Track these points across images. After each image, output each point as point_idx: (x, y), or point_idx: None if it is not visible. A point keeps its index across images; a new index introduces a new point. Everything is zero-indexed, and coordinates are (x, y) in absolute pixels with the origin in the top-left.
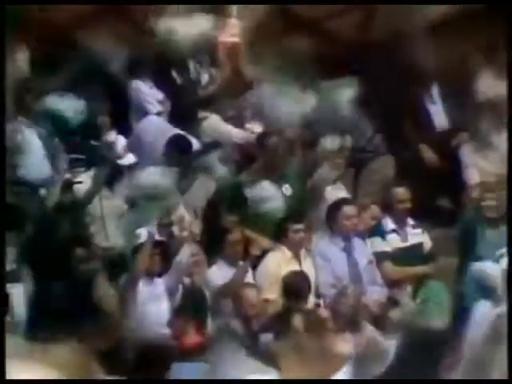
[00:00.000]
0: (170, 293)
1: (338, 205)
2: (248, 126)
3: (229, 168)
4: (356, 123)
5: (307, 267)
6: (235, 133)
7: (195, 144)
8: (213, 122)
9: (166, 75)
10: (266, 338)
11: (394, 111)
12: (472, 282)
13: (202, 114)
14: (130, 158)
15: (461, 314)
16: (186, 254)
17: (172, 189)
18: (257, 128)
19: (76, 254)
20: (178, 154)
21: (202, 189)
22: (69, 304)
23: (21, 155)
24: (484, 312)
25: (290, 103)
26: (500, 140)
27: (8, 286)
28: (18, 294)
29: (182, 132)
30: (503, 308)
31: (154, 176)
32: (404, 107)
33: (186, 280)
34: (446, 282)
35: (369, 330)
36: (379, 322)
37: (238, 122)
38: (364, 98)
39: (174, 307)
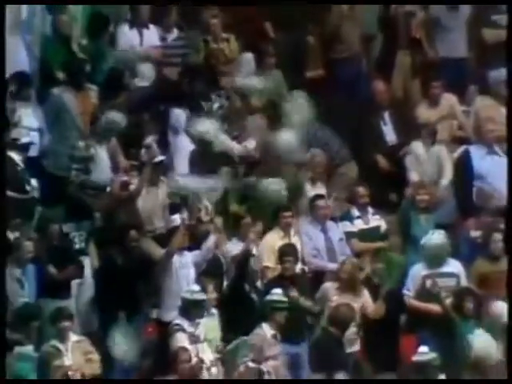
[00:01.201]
0: (197, 265)
1: (314, 199)
2: (245, 143)
3: (238, 171)
4: (328, 141)
5: (295, 243)
6: (237, 147)
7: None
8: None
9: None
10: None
11: (357, 131)
12: (412, 251)
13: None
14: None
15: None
16: (211, 241)
17: (199, 187)
18: (250, 144)
19: (130, 235)
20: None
21: (219, 187)
22: (125, 269)
23: (93, 164)
24: (418, 270)
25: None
26: (430, 152)
27: (81, 258)
28: (87, 265)
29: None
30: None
31: (186, 179)
32: (364, 128)
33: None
34: (396, 253)
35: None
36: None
37: (240, 140)
38: (334, 122)
39: (198, 272)
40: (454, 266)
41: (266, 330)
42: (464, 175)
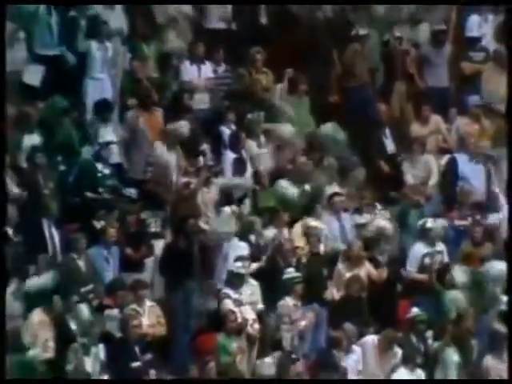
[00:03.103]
0: (242, 247)
1: (332, 196)
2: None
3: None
4: (342, 150)
5: (317, 228)
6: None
7: None
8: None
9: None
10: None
11: (365, 143)
12: (407, 235)
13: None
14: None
15: (405, 251)
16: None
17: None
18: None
19: (190, 223)
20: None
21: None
22: (186, 249)
23: (162, 170)
24: (418, 248)
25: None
26: (421, 159)
27: (154, 241)
28: (157, 246)
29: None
30: (428, 249)
31: (233, 181)
32: (370, 140)
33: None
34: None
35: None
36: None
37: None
38: (347, 136)
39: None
40: (440, 246)
41: (289, 300)
42: (451, 176)
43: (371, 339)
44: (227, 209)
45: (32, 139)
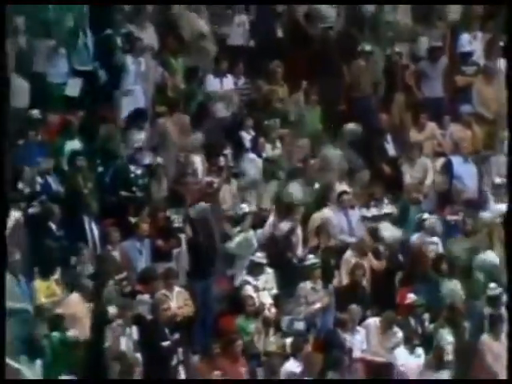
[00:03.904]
0: (259, 239)
1: (341, 194)
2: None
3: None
4: (350, 156)
5: (327, 223)
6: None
7: None
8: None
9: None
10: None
11: (369, 147)
12: (408, 228)
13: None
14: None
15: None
16: (269, 222)
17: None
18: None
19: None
20: None
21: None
22: (208, 241)
23: (188, 170)
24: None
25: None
26: (418, 162)
27: (179, 235)
28: (183, 239)
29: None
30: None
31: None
32: (373, 145)
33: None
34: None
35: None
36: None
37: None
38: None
39: (260, 243)
40: (435, 238)
41: (308, 284)
42: (446, 176)
43: (373, 321)
44: (245, 206)
45: (73, 144)
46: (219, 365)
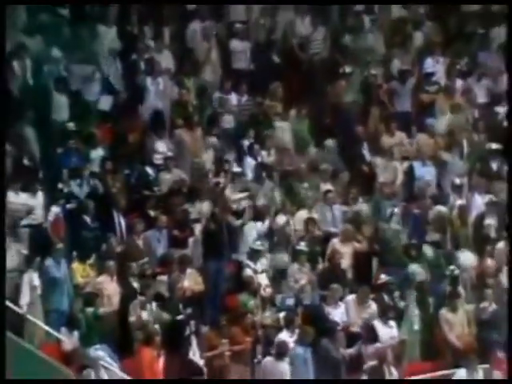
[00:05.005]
0: (258, 230)
1: (326, 192)
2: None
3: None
4: (333, 160)
5: (314, 216)
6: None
7: None
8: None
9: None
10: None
11: (349, 153)
12: (381, 221)
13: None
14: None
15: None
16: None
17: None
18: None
19: (217, 212)
20: None
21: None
22: (217, 230)
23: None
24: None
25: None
26: (389, 165)
27: (195, 225)
28: (197, 229)
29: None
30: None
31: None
32: (353, 151)
33: None
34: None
35: None
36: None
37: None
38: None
39: (258, 234)
40: (401, 227)
41: (295, 265)
42: (410, 177)
43: (351, 297)
44: (245, 202)
45: (97, 152)
46: (226, 334)
